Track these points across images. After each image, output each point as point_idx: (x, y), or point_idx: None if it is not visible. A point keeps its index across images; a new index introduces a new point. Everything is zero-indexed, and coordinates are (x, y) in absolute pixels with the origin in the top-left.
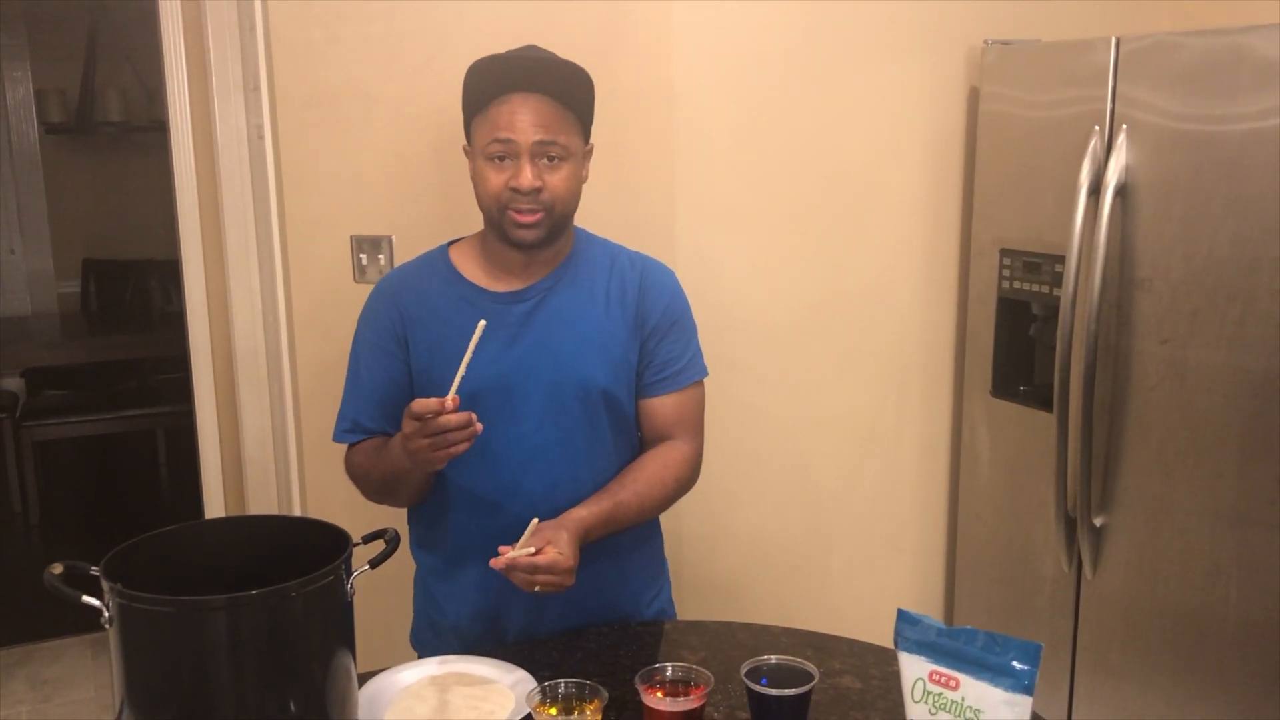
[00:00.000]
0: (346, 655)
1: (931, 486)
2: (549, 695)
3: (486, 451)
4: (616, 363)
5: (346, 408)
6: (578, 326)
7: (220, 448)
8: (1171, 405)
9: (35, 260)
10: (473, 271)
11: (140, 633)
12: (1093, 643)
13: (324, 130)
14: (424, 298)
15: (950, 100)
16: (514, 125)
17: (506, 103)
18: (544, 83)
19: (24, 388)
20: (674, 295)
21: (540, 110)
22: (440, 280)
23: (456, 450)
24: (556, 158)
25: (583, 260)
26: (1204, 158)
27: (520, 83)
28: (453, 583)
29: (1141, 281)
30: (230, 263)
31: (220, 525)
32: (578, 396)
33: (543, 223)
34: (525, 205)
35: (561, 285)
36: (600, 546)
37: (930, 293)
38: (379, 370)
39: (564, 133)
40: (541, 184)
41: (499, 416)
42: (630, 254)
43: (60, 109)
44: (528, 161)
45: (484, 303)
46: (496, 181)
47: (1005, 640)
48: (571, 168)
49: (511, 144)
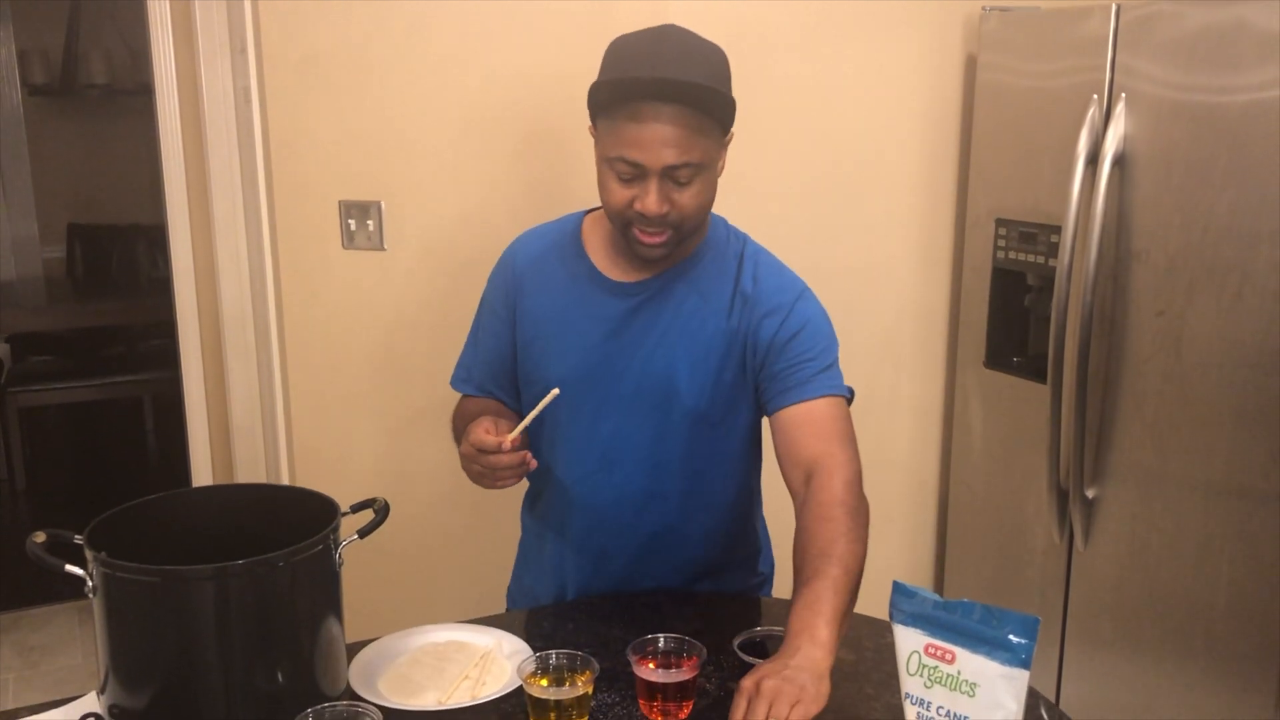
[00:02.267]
0: (335, 625)
1: (924, 457)
2: (540, 666)
3: (564, 444)
4: (713, 378)
5: (464, 356)
6: (679, 332)
7: (208, 415)
8: (1166, 377)
9: (19, 224)
10: (597, 251)
11: (125, 603)
12: (1083, 615)
13: (312, 93)
14: (543, 268)
15: (947, 69)
16: (643, 146)
17: (640, 115)
18: (684, 93)
19: (9, 353)
20: (790, 310)
21: (676, 128)
22: (564, 253)
23: (504, 484)
24: (688, 179)
25: (709, 258)
26: (1203, 128)
27: (661, 93)
28: (534, 555)
29: (1138, 253)
30: (217, 228)
31: (207, 493)
32: (659, 404)
33: (670, 241)
34: (651, 227)
35: (677, 285)
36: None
37: (925, 263)
38: (487, 330)
39: (698, 148)
40: (669, 207)
41: (582, 409)
42: (755, 256)
43: (44, 70)
44: (655, 184)
45: (596, 289)
46: (621, 196)
47: (1002, 614)
48: (704, 181)
49: (640, 167)
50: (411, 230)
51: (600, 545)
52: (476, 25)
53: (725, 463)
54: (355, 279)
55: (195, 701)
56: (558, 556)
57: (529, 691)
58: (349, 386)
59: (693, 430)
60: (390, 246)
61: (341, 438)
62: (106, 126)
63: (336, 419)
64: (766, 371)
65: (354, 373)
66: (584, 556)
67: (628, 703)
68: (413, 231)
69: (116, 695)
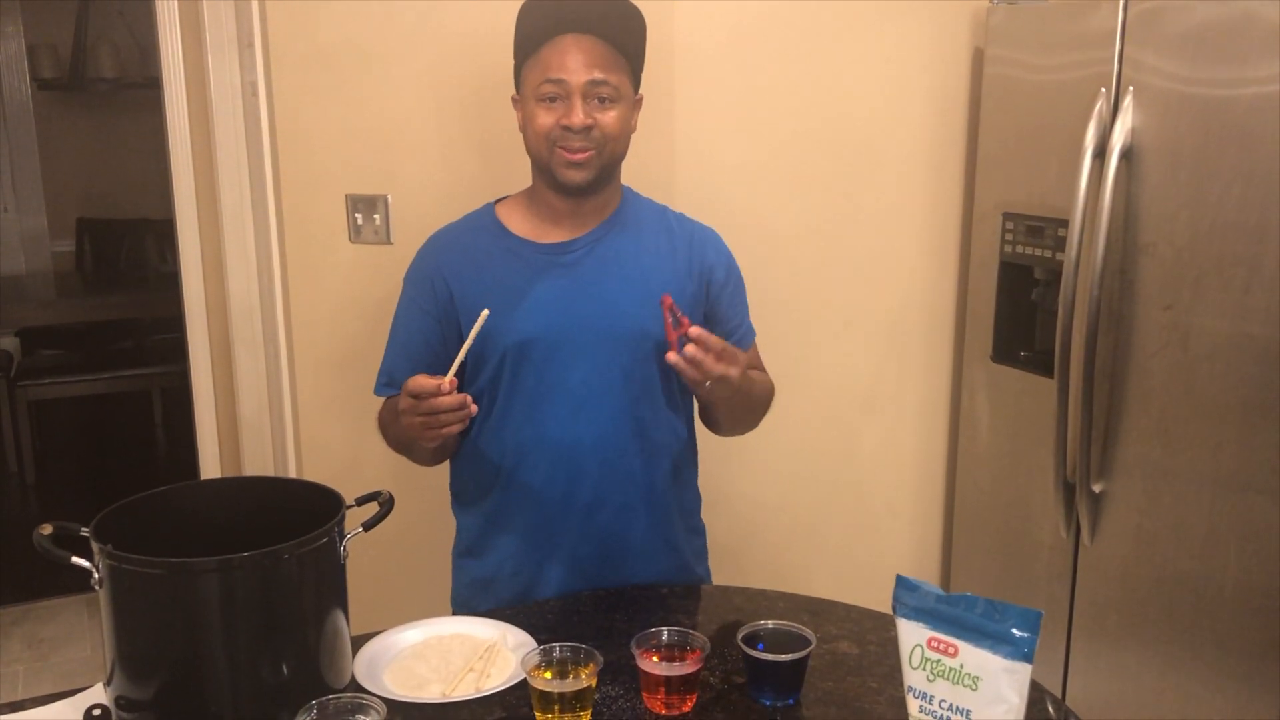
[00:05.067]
0: (339, 617)
1: (930, 452)
2: (544, 659)
3: (534, 403)
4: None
5: (385, 362)
6: (631, 275)
7: (216, 408)
8: (1173, 372)
9: (29, 219)
10: (520, 226)
11: (130, 595)
12: (1090, 609)
13: (319, 87)
14: (469, 253)
15: (954, 62)
16: (565, 65)
17: (559, 44)
18: (597, 23)
19: (19, 347)
20: (730, 256)
21: (593, 50)
22: (487, 237)
23: (449, 431)
24: (608, 99)
25: (631, 213)
26: (1211, 122)
27: (573, 23)
28: (490, 542)
29: (1145, 246)
30: (225, 222)
31: (213, 486)
32: (629, 346)
33: (592, 161)
34: (576, 143)
35: (612, 235)
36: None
37: (931, 256)
38: (415, 328)
39: (616, 73)
40: (593, 122)
41: (548, 367)
42: (676, 213)
43: (53, 65)
44: (579, 100)
45: (531, 254)
46: (547, 120)
47: (1005, 607)
48: (623, 109)
49: (563, 84)
50: (418, 224)
51: (568, 491)
52: (483, 19)
53: (686, 400)
54: (362, 273)
55: (201, 693)
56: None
57: (533, 684)
58: (356, 380)
59: (660, 366)
60: (397, 240)
61: (348, 431)
62: (115, 121)
63: (343, 412)
64: (720, 311)
65: (361, 366)
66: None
67: (631, 695)
68: (419, 225)
69: (123, 687)
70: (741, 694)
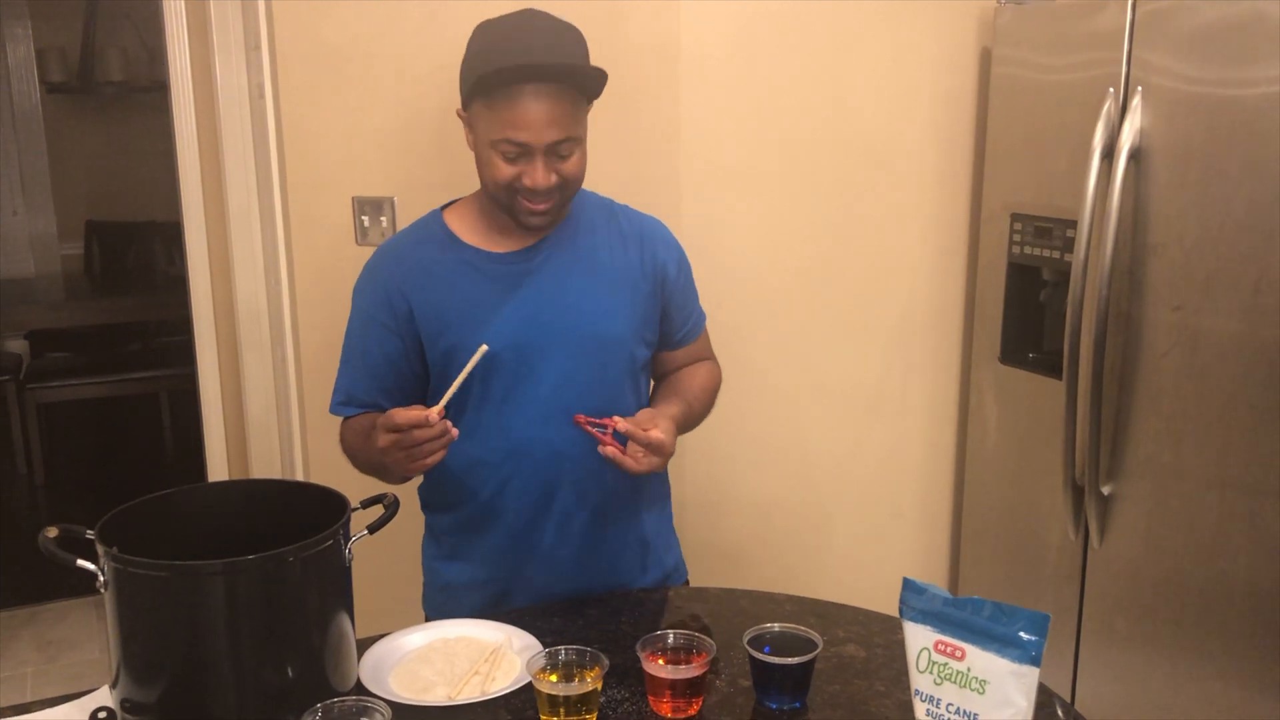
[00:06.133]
0: (345, 620)
1: (938, 453)
2: (550, 662)
3: (502, 414)
4: (632, 314)
5: (341, 380)
6: (590, 278)
7: (223, 411)
8: (1182, 373)
9: (38, 221)
10: (471, 235)
11: (135, 597)
12: (1099, 612)
13: (325, 89)
14: (423, 266)
15: (962, 62)
16: (528, 125)
17: (518, 99)
18: (554, 72)
19: (28, 350)
20: (679, 248)
21: (555, 104)
22: (437, 247)
23: (432, 460)
24: (568, 153)
25: (582, 215)
26: (1220, 122)
27: (530, 74)
28: (464, 546)
29: (1154, 247)
30: (232, 224)
31: (218, 489)
32: (593, 351)
33: (554, 208)
34: (540, 197)
35: (564, 240)
36: (617, 511)
37: (939, 258)
38: (374, 344)
39: (577, 123)
40: (555, 177)
41: (515, 379)
42: (621, 206)
43: (61, 68)
44: (540, 160)
45: (486, 264)
46: (507, 173)
47: (1013, 610)
48: (581, 150)
49: (525, 146)
50: None
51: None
52: None
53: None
54: None
55: (205, 696)
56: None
57: (538, 687)
58: None
59: (625, 366)
60: None
61: None
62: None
63: None
64: (674, 306)
65: None
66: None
67: (637, 699)
68: None
69: (128, 690)
70: (748, 697)
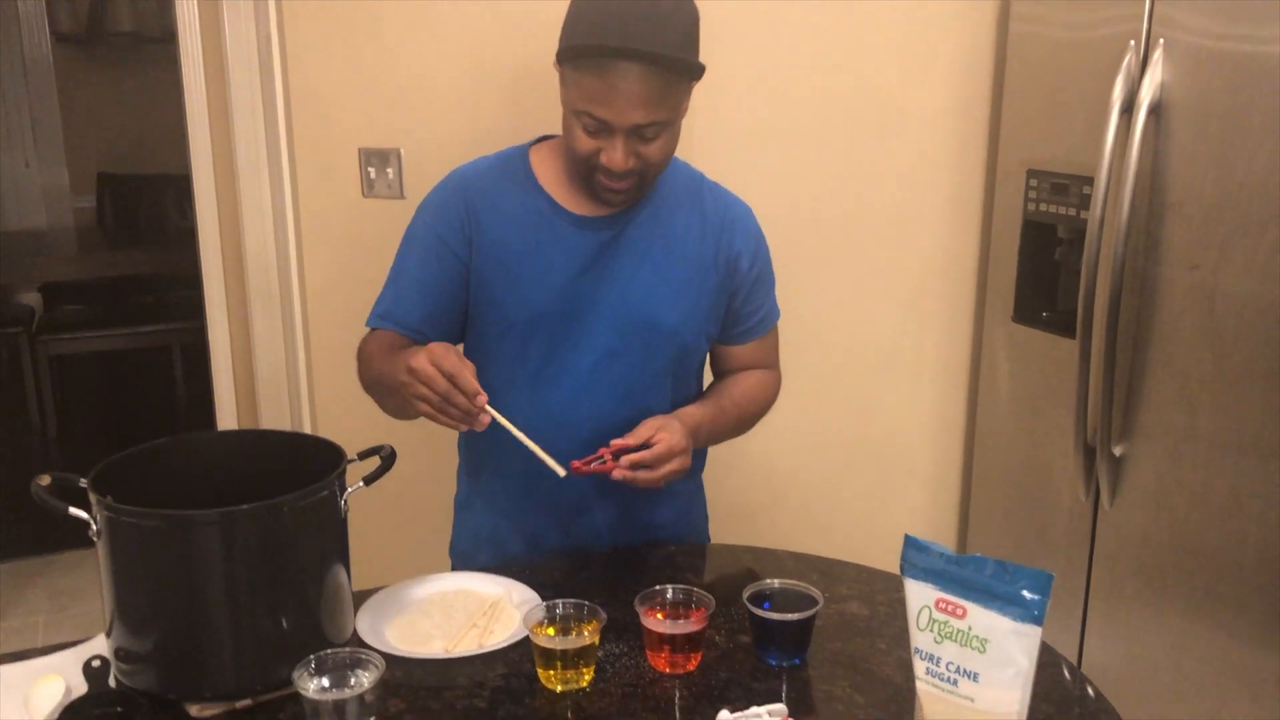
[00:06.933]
0: (340, 571)
1: (949, 412)
2: (547, 616)
3: (539, 379)
4: (692, 306)
5: (385, 294)
6: (655, 264)
7: (233, 363)
8: (1198, 334)
9: (50, 174)
10: (552, 183)
11: (128, 547)
12: (1107, 574)
13: (332, 41)
14: (497, 202)
15: (979, 16)
16: (611, 104)
17: (604, 75)
18: (654, 54)
19: (41, 302)
20: (760, 240)
21: (641, 87)
22: (518, 186)
23: (445, 423)
24: (654, 135)
25: (668, 190)
26: (1242, 78)
27: (628, 53)
28: (494, 502)
29: (1172, 205)
30: (241, 177)
31: (215, 439)
32: (641, 335)
33: (633, 188)
34: (617, 176)
35: (642, 216)
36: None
37: (954, 214)
38: (431, 265)
39: (665, 107)
40: (635, 161)
41: (557, 344)
42: (713, 187)
43: (71, 19)
44: (621, 141)
45: (556, 219)
46: (587, 145)
47: (1015, 569)
48: (670, 133)
49: (606, 124)
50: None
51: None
52: None
53: (693, 382)
54: (375, 227)
55: (200, 646)
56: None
57: (535, 641)
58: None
59: (672, 356)
60: (410, 194)
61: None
62: (135, 76)
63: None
64: (739, 299)
65: None
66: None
67: (635, 653)
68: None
69: (122, 639)
70: (747, 653)
